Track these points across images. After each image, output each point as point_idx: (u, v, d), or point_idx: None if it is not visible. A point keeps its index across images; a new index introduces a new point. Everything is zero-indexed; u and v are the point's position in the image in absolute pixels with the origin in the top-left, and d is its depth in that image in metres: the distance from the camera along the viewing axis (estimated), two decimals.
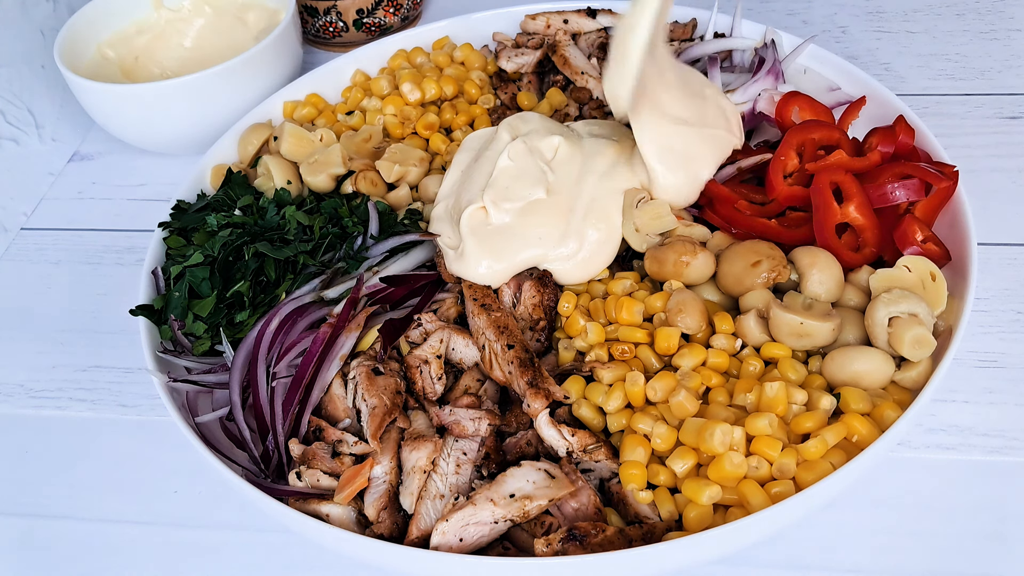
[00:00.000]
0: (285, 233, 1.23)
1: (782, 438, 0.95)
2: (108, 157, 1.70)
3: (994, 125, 1.49)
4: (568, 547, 0.88)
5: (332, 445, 1.02)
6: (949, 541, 1.00)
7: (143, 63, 1.72)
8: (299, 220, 1.24)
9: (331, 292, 1.16)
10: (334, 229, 1.24)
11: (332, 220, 1.26)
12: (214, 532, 1.10)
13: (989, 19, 1.72)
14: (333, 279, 1.19)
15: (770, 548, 1.01)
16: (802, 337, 1.01)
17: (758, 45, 1.46)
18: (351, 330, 1.10)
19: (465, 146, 1.31)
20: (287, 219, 1.24)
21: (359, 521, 0.97)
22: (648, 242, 1.17)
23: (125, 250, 1.49)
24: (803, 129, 1.20)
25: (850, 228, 1.13)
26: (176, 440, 1.07)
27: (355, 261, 1.20)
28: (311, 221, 1.24)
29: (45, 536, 1.12)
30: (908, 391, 1.00)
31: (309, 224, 1.24)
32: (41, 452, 1.21)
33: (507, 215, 1.16)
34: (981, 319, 1.20)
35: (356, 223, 1.25)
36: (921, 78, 1.60)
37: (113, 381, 1.29)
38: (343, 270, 1.20)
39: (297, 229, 1.23)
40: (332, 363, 1.08)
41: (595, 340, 1.08)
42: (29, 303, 1.42)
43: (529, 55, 1.54)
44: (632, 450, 0.97)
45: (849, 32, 1.74)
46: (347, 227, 1.25)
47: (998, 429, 1.09)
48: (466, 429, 1.01)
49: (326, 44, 1.89)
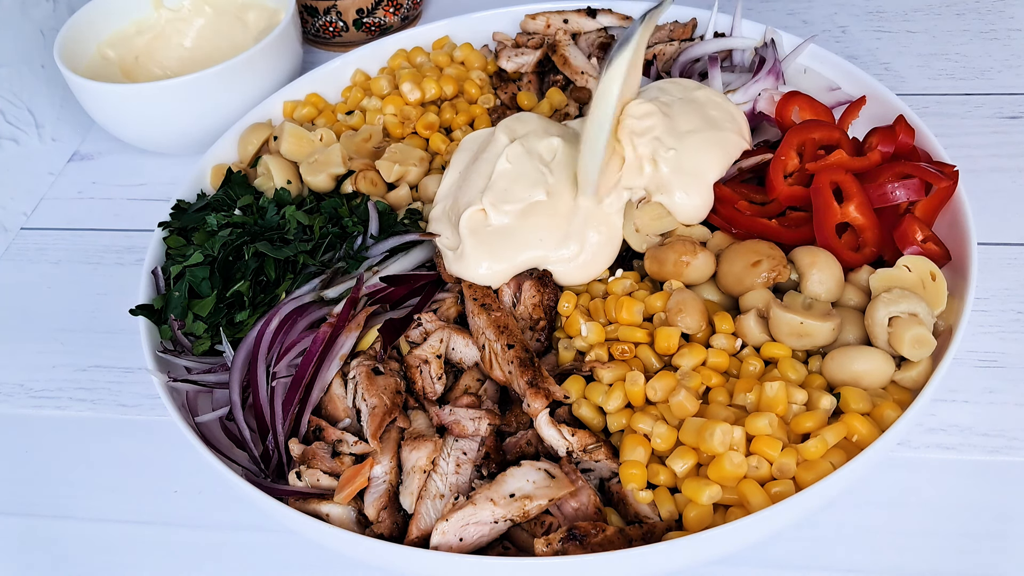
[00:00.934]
0: (285, 233, 1.23)
1: (782, 438, 0.95)
2: (108, 157, 1.70)
3: (994, 125, 1.49)
4: (568, 547, 0.88)
5: (332, 445, 1.02)
6: (949, 541, 1.00)
7: (143, 63, 1.72)
8: (299, 220, 1.24)
9: (331, 292, 1.16)
10: (334, 229, 1.24)
11: (332, 220, 1.26)
12: (214, 532, 1.10)
13: (989, 19, 1.72)
14: (333, 279, 1.19)
15: (770, 548, 1.01)
16: (802, 337, 1.01)
17: (758, 45, 1.47)
18: (351, 330, 1.10)
19: (463, 147, 1.31)
20: (287, 219, 1.24)
21: (359, 521, 0.97)
22: (648, 242, 1.17)
23: (125, 250, 1.49)
24: (803, 129, 1.19)
25: (850, 228, 1.13)
26: (176, 440, 1.07)
27: (355, 261, 1.20)
28: (311, 221, 1.24)
29: (45, 536, 1.12)
30: (908, 391, 1.00)
31: (309, 224, 1.24)
32: (41, 452, 1.21)
33: (507, 216, 1.16)
34: (981, 319, 1.20)
35: (356, 223, 1.25)
36: (921, 78, 1.60)
37: (113, 381, 1.29)
38: (343, 270, 1.20)
39: (297, 229, 1.23)
40: (332, 363, 1.08)
41: (595, 340, 1.08)
42: (29, 303, 1.42)
43: (529, 55, 1.54)
44: (632, 450, 0.96)
45: (849, 32, 1.74)
46: (347, 227, 1.25)
47: (998, 429, 1.09)
48: (466, 429, 1.01)
49: (326, 44, 1.89)
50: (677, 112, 1.22)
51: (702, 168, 1.17)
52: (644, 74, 1.50)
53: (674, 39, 1.54)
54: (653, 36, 1.55)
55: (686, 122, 1.21)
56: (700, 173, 1.16)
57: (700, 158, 1.17)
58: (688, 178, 1.16)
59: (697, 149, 1.18)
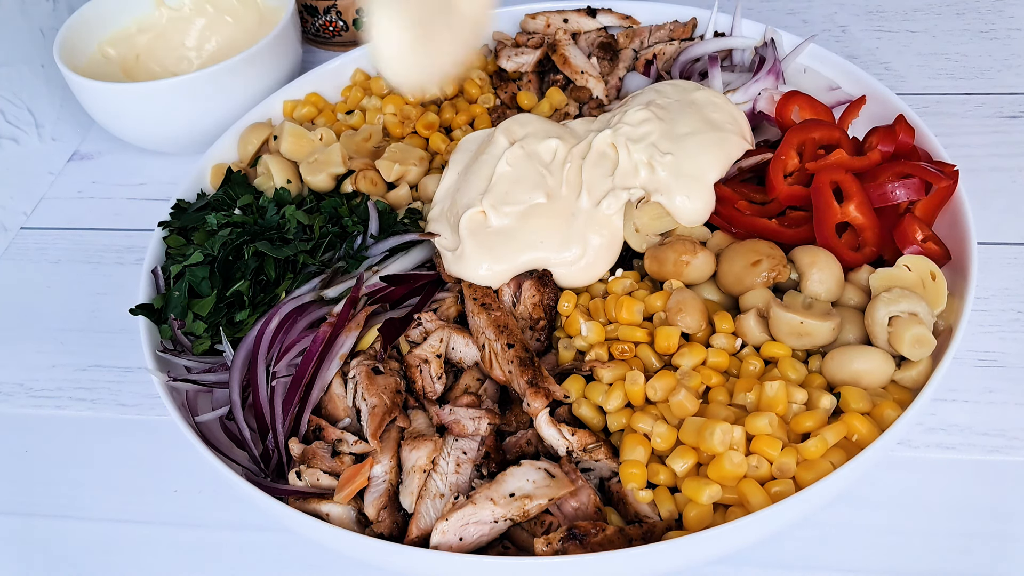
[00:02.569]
0: (285, 232, 1.23)
1: (782, 437, 0.95)
2: (108, 156, 1.70)
3: (994, 124, 1.49)
4: (568, 546, 0.88)
5: (332, 444, 1.02)
6: (949, 540, 1.00)
7: (144, 62, 1.72)
8: (299, 219, 1.24)
9: (331, 291, 1.16)
10: (334, 228, 1.24)
11: (332, 219, 1.26)
12: (214, 531, 1.10)
13: (989, 18, 1.72)
14: (333, 278, 1.19)
15: (770, 547, 1.01)
16: (802, 336, 1.01)
17: (758, 44, 1.46)
18: (351, 329, 1.10)
19: (461, 147, 1.31)
20: (287, 218, 1.24)
21: (359, 520, 0.97)
22: (648, 242, 1.17)
23: (125, 249, 1.49)
24: (803, 128, 1.19)
25: (850, 227, 1.13)
26: (176, 439, 1.07)
27: (355, 260, 1.20)
28: (311, 220, 1.24)
29: (44, 535, 1.12)
30: (908, 390, 1.00)
31: (309, 223, 1.24)
32: (40, 451, 1.21)
33: (507, 218, 1.16)
34: (981, 318, 1.20)
35: (356, 222, 1.25)
36: (921, 77, 1.60)
37: (113, 380, 1.29)
38: (343, 269, 1.20)
39: (297, 228, 1.23)
40: (332, 362, 1.08)
41: (595, 339, 1.08)
42: (29, 302, 1.42)
43: (529, 54, 1.54)
44: (632, 449, 0.96)
45: (849, 31, 1.74)
46: (347, 226, 1.25)
47: (998, 428, 1.09)
48: (466, 428, 1.01)
49: (326, 43, 1.89)
50: (675, 115, 1.22)
51: (702, 170, 1.17)
52: (644, 74, 1.50)
53: (674, 39, 1.54)
54: (653, 36, 1.55)
55: (684, 124, 1.21)
56: (699, 176, 1.16)
57: (699, 160, 1.17)
58: (688, 181, 1.15)
59: (696, 151, 1.17)
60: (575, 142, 1.23)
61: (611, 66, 1.51)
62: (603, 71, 1.50)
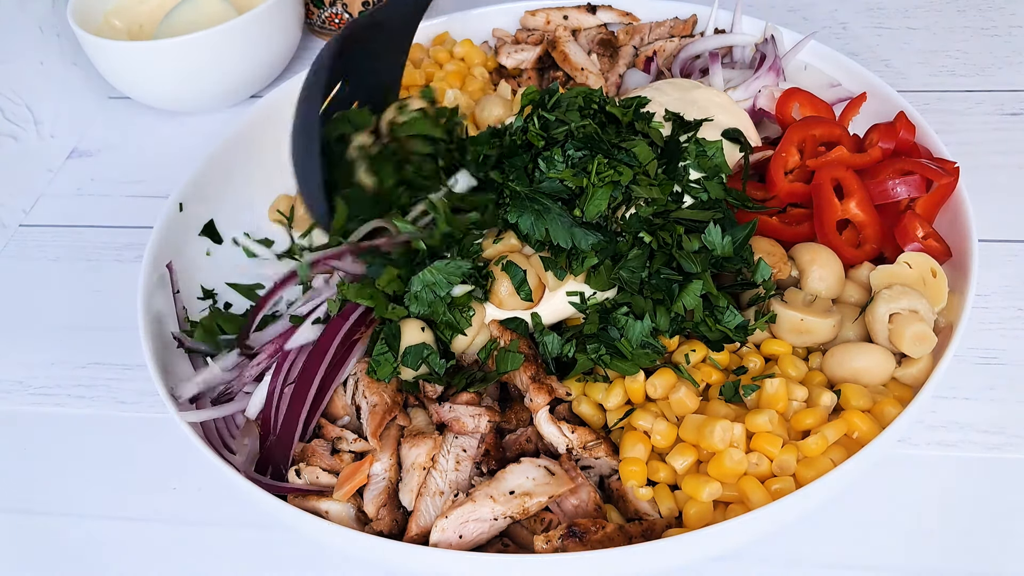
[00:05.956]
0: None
1: (782, 435, 0.94)
2: (107, 154, 1.69)
3: (995, 121, 1.48)
4: (568, 544, 0.88)
5: (331, 442, 1.02)
6: (950, 538, 1.00)
7: (147, 31, 1.73)
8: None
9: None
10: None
11: None
12: (213, 529, 1.10)
13: (990, 15, 1.71)
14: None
15: (770, 545, 1.01)
16: (803, 334, 1.01)
17: (758, 41, 1.46)
18: (365, 337, 1.08)
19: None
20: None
21: (358, 518, 0.97)
22: None
23: (124, 247, 1.49)
24: (804, 125, 1.19)
25: (851, 224, 1.13)
26: (175, 437, 1.07)
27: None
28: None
29: (43, 533, 1.12)
30: (909, 388, 1.00)
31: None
32: (39, 449, 1.21)
33: None
34: (982, 315, 1.20)
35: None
36: (922, 74, 1.60)
37: (112, 378, 1.28)
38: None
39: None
40: (345, 369, 1.06)
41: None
42: (28, 300, 1.42)
43: (529, 51, 1.54)
44: (632, 447, 0.96)
45: (850, 28, 1.74)
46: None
47: (999, 426, 1.09)
48: (466, 426, 1.01)
49: (330, 35, 1.89)
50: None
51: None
52: (644, 71, 1.50)
53: (674, 35, 1.54)
54: (653, 33, 1.55)
55: None
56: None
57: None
58: None
59: None
60: None
61: (611, 63, 1.51)
62: (603, 68, 1.50)
